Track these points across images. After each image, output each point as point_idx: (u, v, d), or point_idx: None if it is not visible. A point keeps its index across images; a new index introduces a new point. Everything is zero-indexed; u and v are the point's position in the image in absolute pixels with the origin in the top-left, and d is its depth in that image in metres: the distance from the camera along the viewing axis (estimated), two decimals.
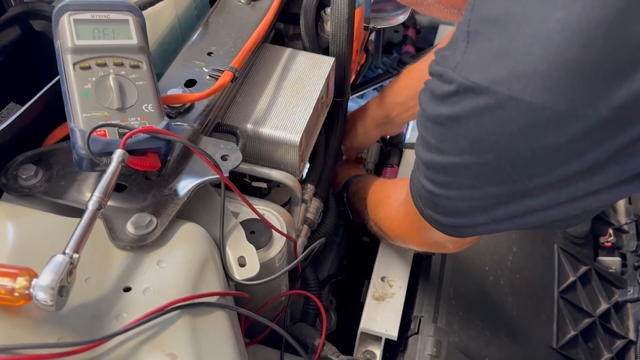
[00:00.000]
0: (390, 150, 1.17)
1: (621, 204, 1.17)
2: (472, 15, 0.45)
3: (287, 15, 0.90)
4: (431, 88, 0.49)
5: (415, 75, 0.98)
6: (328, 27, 0.87)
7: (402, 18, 0.77)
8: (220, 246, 0.61)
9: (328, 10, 0.86)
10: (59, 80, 0.60)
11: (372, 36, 1.24)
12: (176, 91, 0.70)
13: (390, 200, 0.83)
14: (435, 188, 0.54)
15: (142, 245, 0.56)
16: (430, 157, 0.52)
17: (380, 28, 1.40)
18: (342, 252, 1.13)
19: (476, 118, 0.45)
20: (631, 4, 0.38)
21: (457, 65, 0.46)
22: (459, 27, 0.47)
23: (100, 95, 0.57)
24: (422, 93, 0.51)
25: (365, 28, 0.80)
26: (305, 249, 0.85)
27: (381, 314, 0.86)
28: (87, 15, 0.60)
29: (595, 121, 0.41)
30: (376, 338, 0.85)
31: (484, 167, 0.48)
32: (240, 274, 0.60)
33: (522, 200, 0.49)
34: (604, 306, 1.00)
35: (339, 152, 1.08)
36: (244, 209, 0.69)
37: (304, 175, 0.90)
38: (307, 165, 0.91)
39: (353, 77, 1.14)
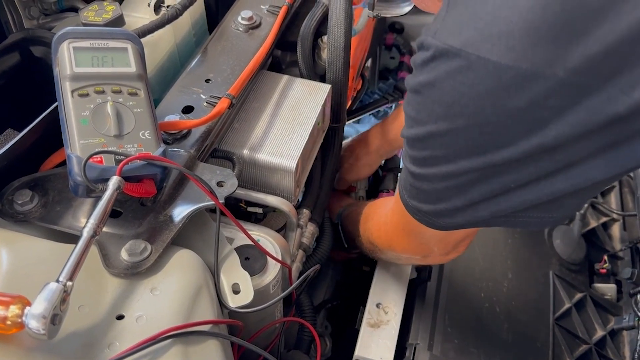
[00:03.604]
0: (385, 175, 1.18)
1: (616, 231, 1.18)
2: None
3: (284, 43, 0.92)
4: (414, 60, 0.53)
5: None
6: (325, 54, 0.88)
7: (407, 9, 0.78)
8: (214, 273, 0.61)
9: (325, 38, 0.87)
10: (57, 106, 0.60)
11: (369, 62, 1.26)
12: (174, 117, 0.71)
13: (379, 210, 0.86)
14: (416, 168, 0.57)
15: (136, 272, 0.56)
16: (410, 132, 0.55)
17: (376, 55, 1.43)
18: (337, 277, 1.13)
19: (449, 81, 0.48)
20: None
21: (436, 32, 0.49)
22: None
23: (97, 122, 0.58)
24: (409, 75, 0.55)
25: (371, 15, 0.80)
26: (300, 274, 0.84)
27: (376, 341, 0.85)
28: (86, 43, 0.61)
29: (554, 83, 0.43)
30: None
31: (456, 134, 0.50)
32: (234, 302, 0.60)
33: (493, 177, 0.51)
34: (599, 333, 1.00)
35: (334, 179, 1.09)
36: (238, 234, 0.69)
37: (300, 200, 0.90)
38: (303, 189, 0.91)
39: (349, 103, 1.15)
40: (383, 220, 0.83)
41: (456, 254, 0.76)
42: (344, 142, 1.15)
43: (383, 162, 1.20)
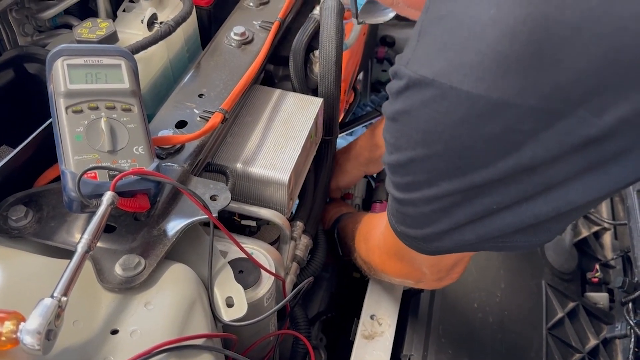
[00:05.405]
0: (378, 185, 1.18)
1: (607, 240, 1.19)
2: (426, 17, 0.49)
3: (277, 57, 0.93)
4: (389, 88, 0.53)
5: None
6: (317, 68, 0.90)
7: (391, 14, 0.79)
8: (208, 286, 0.62)
9: (317, 52, 0.89)
10: (51, 123, 0.61)
11: (361, 76, 1.28)
12: (167, 132, 0.71)
13: (374, 232, 0.85)
14: (400, 193, 0.57)
15: (130, 287, 0.56)
16: (391, 159, 0.56)
17: (368, 68, 1.44)
18: (332, 289, 1.13)
19: (424, 109, 0.49)
20: (552, 5, 0.42)
21: (408, 62, 0.49)
22: (415, 28, 0.51)
23: (91, 138, 0.58)
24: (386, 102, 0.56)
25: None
26: (294, 286, 0.85)
27: (370, 353, 0.86)
28: (80, 60, 0.62)
29: (525, 110, 0.44)
30: None
31: (435, 158, 0.51)
32: (227, 315, 0.60)
33: (476, 198, 0.51)
34: (592, 342, 1.01)
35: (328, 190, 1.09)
36: (232, 247, 0.69)
37: (294, 212, 0.91)
38: (297, 202, 0.92)
39: (342, 115, 1.16)
40: (376, 243, 0.83)
41: (450, 280, 0.76)
42: None
43: (375, 175, 1.21)
